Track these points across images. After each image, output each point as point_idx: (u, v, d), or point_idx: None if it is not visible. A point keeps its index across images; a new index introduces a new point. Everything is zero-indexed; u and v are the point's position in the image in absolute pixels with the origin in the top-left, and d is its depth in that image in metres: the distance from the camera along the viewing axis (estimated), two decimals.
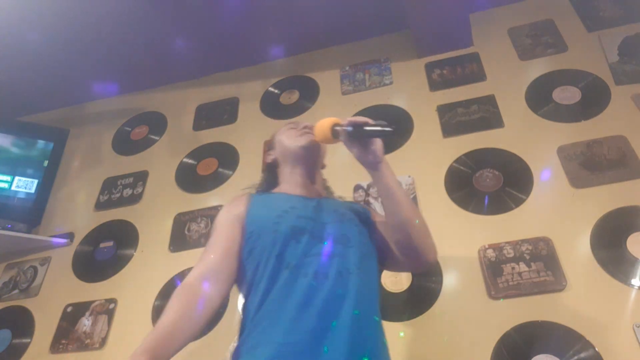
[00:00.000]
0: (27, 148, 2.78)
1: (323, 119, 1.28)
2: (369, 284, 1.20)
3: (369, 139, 1.17)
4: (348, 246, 1.20)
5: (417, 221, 1.21)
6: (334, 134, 1.24)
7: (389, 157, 1.21)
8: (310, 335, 1.04)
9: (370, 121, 1.17)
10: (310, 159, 1.42)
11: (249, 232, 1.24)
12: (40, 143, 2.82)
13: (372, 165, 1.20)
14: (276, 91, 2.79)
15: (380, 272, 1.32)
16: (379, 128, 1.16)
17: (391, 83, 2.56)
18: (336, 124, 1.24)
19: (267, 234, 1.21)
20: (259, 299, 1.13)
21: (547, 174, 1.95)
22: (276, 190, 1.43)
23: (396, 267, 1.39)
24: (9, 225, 2.44)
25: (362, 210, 1.38)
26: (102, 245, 2.41)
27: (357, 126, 1.18)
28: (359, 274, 1.16)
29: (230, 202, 1.35)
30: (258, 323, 1.10)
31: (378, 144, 1.18)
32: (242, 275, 1.21)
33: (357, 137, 1.18)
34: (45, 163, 2.76)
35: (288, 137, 1.44)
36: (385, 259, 1.31)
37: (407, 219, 1.20)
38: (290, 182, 1.41)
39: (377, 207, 2.02)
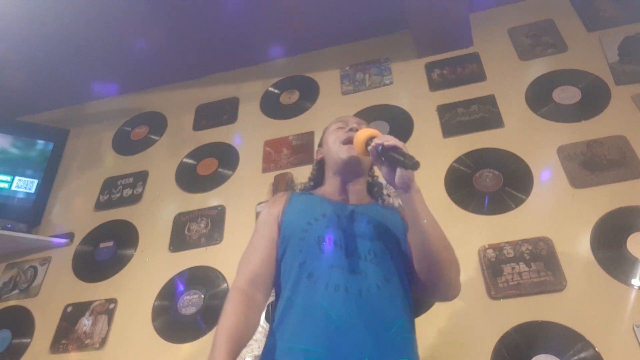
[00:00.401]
0: (27, 148, 2.78)
1: (364, 129, 1.24)
2: (391, 305, 1.15)
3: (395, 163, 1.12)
4: (374, 263, 1.17)
5: (442, 257, 1.14)
6: (367, 149, 1.18)
7: None
8: (329, 350, 1.04)
9: (399, 146, 1.11)
10: (351, 172, 1.37)
11: (282, 236, 1.25)
12: (40, 143, 2.82)
13: (399, 189, 1.14)
14: (276, 91, 2.78)
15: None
16: (400, 158, 1.09)
17: (391, 83, 2.56)
18: (372, 137, 1.18)
19: (295, 241, 1.21)
20: (282, 307, 1.14)
21: (547, 174, 1.95)
22: (319, 190, 1.42)
23: (415, 289, 1.27)
24: (9, 225, 2.44)
25: (400, 223, 1.31)
26: (102, 245, 2.41)
27: (385, 148, 1.12)
28: (379, 295, 1.12)
29: (272, 200, 1.36)
30: (283, 334, 1.11)
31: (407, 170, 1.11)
32: (275, 275, 1.22)
33: (384, 158, 1.14)
34: (44, 165, 2.75)
35: (334, 142, 1.38)
36: (410, 278, 1.24)
37: (430, 252, 1.13)
38: (331, 186, 1.39)
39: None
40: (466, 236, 1.87)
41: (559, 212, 1.83)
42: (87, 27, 2.63)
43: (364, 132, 1.21)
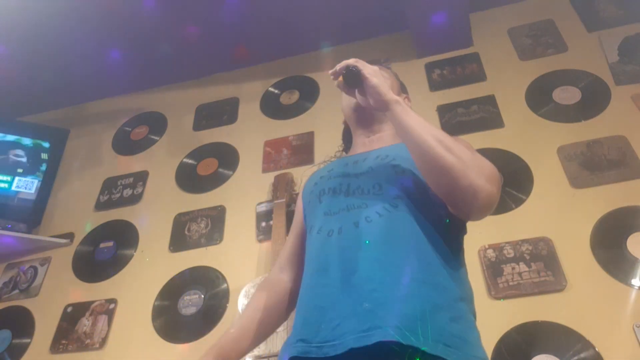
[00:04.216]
0: (27, 148, 2.78)
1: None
2: (403, 227, 1.01)
3: (359, 82, 1.04)
4: (378, 194, 1.05)
5: (446, 162, 0.95)
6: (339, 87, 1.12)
7: None
8: (332, 291, 0.96)
9: (350, 63, 1.05)
10: (361, 121, 1.28)
11: (304, 208, 1.25)
12: (40, 143, 2.82)
13: (381, 110, 1.05)
14: (276, 91, 2.78)
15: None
16: (343, 71, 1.04)
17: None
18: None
19: (306, 205, 1.21)
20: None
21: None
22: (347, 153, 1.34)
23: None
24: (9, 225, 2.44)
25: None
26: (102, 245, 2.40)
27: (338, 73, 1.07)
28: (383, 220, 1.00)
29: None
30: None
31: (372, 82, 1.02)
32: None
33: (348, 84, 1.07)
34: (44, 165, 2.75)
35: (343, 98, 1.28)
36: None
37: (430, 162, 0.97)
38: (354, 145, 1.30)
39: None
40: (466, 236, 1.86)
41: (559, 212, 1.83)
42: (88, 28, 2.63)
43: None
